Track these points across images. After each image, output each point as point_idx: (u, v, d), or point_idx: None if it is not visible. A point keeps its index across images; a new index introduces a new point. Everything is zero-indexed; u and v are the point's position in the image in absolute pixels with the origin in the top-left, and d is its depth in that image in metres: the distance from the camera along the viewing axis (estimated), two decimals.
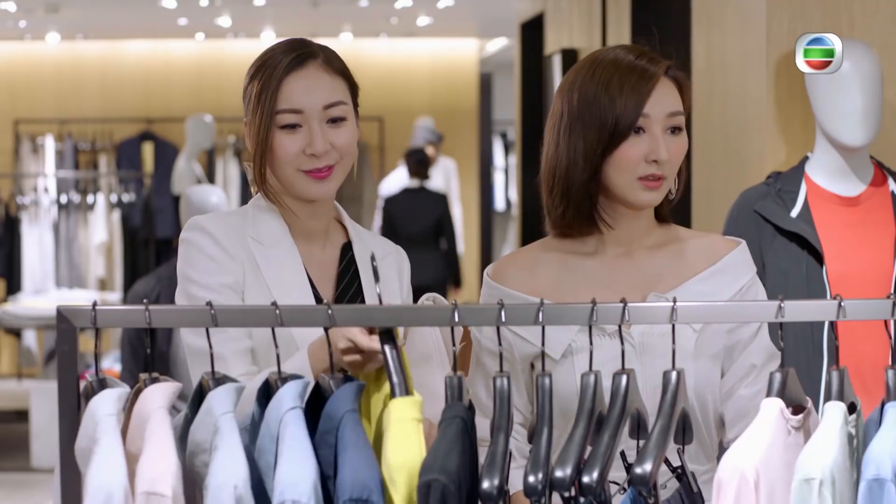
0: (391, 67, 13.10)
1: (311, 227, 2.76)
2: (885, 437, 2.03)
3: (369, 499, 2.00)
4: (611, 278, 2.67)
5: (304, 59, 2.68)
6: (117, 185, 11.44)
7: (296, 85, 2.67)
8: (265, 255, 2.69)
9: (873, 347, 3.62)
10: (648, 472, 2.03)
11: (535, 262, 2.72)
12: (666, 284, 2.66)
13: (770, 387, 2.17)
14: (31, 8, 10.48)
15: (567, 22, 7.68)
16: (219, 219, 2.73)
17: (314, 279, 2.73)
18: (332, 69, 2.71)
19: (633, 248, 2.70)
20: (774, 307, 2.19)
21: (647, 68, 2.63)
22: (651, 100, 2.61)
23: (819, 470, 1.99)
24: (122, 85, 13.02)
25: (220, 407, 2.11)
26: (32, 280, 11.13)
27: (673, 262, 2.69)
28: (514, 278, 2.70)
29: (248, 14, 11.23)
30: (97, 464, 2.04)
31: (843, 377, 2.17)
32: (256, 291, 2.65)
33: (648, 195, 2.63)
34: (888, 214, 3.88)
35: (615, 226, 2.68)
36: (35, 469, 9.07)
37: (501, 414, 2.12)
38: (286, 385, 2.12)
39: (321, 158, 2.66)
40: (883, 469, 1.98)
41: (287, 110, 2.66)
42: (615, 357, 2.35)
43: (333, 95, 2.69)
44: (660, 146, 2.61)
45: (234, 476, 2.01)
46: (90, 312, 2.16)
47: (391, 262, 2.81)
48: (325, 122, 2.68)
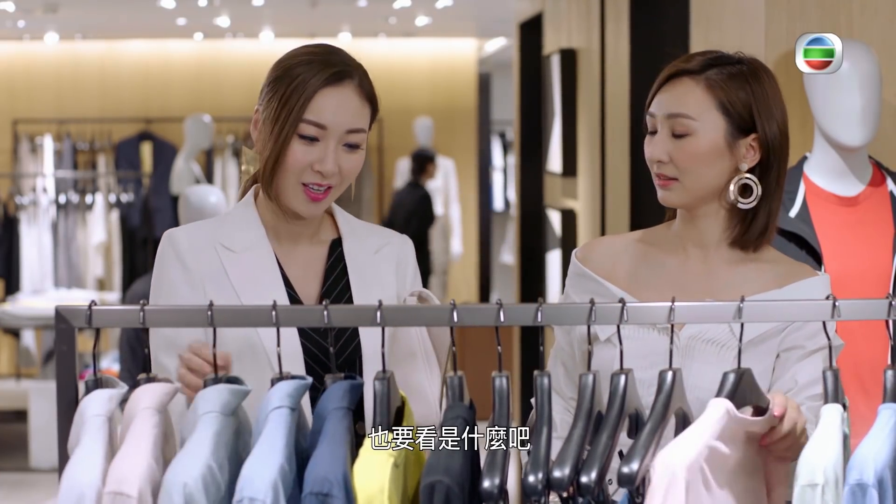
0: (390, 67, 13.10)
1: (298, 229, 2.76)
2: (872, 440, 2.02)
3: (330, 492, 1.99)
4: (681, 280, 2.69)
5: (343, 77, 2.69)
6: (116, 185, 11.44)
7: (328, 101, 2.67)
8: (235, 260, 2.70)
9: (872, 347, 3.62)
10: (635, 472, 2.03)
11: (621, 250, 2.76)
12: (728, 297, 2.62)
13: (721, 387, 2.17)
14: (29, 8, 10.47)
15: (566, 22, 7.68)
16: (188, 231, 2.76)
17: (295, 279, 2.73)
18: (364, 93, 2.72)
19: (711, 254, 2.70)
20: (773, 307, 2.19)
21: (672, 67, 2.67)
22: (657, 98, 2.67)
23: (821, 474, 1.98)
24: (121, 85, 13.02)
25: (204, 406, 2.10)
26: (31, 280, 11.14)
27: (747, 277, 2.68)
28: (596, 262, 2.74)
29: (246, 14, 11.22)
30: (72, 464, 2.04)
31: (837, 377, 2.17)
32: (220, 300, 2.64)
33: (659, 192, 2.68)
34: (887, 214, 3.88)
35: (681, 222, 2.72)
36: (34, 469, 9.06)
37: (501, 413, 2.12)
38: (276, 385, 2.11)
39: (327, 178, 2.67)
40: (866, 474, 1.97)
41: (313, 122, 2.66)
42: (653, 353, 2.37)
43: (358, 121, 2.70)
44: (657, 145, 2.66)
45: (186, 474, 1.99)
46: (88, 312, 2.16)
47: (388, 253, 2.81)
48: (342, 146, 2.68)
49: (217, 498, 2.01)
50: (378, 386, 2.13)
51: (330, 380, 2.15)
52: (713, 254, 2.70)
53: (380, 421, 2.11)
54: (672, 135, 2.64)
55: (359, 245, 2.79)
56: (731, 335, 2.59)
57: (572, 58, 7.32)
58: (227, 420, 2.10)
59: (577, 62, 7.29)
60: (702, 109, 2.65)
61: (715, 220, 2.70)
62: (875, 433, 2.03)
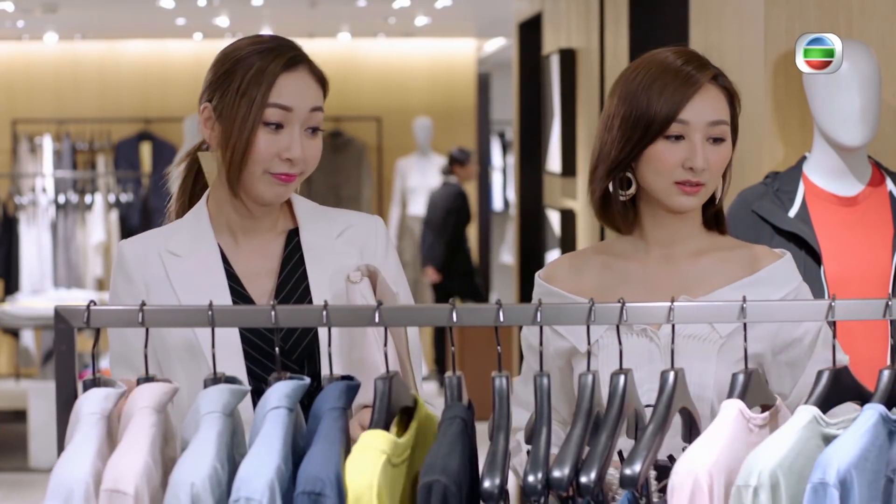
0: (389, 67, 13.10)
1: (253, 223, 2.74)
2: (844, 440, 2.02)
3: (322, 492, 1.98)
4: (650, 281, 2.69)
5: (297, 62, 2.69)
6: (115, 185, 11.45)
7: (289, 84, 2.66)
8: (178, 264, 2.70)
9: (871, 348, 3.62)
10: (637, 473, 2.03)
11: (583, 264, 2.76)
12: (701, 290, 2.66)
13: (732, 388, 2.17)
14: (28, 8, 10.47)
15: (565, 22, 7.68)
16: (138, 240, 2.78)
17: (247, 276, 2.72)
18: (316, 76, 2.72)
19: (676, 252, 2.71)
20: (772, 307, 2.19)
21: (691, 74, 2.64)
22: (690, 106, 2.63)
23: (755, 476, 1.98)
24: (120, 85, 13.02)
25: (207, 406, 2.10)
26: (30, 280, 11.14)
27: (713, 269, 2.70)
28: (561, 279, 2.75)
29: (245, 14, 11.22)
30: (63, 461, 2.04)
31: (838, 377, 2.17)
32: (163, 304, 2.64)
33: (685, 199, 2.65)
34: (886, 214, 3.88)
35: (657, 227, 2.71)
36: (33, 469, 9.06)
37: (501, 414, 2.12)
38: (274, 385, 2.11)
39: (294, 165, 2.66)
40: (828, 474, 1.97)
41: (279, 105, 2.65)
42: (638, 355, 2.37)
43: (318, 100, 2.70)
44: (697, 154, 2.62)
45: (194, 474, 1.99)
46: (86, 313, 2.16)
47: (351, 236, 2.77)
48: (305, 130, 2.67)
49: (223, 498, 2.01)
50: (379, 384, 2.13)
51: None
52: (676, 250, 2.71)
53: (377, 419, 2.11)
54: (708, 140, 2.64)
55: (318, 231, 2.76)
56: (710, 328, 2.60)
57: (571, 58, 7.32)
58: (228, 420, 2.11)
59: (577, 62, 7.29)
60: (728, 114, 2.68)
61: (697, 217, 2.72)
62: (850, 433, 2.03)
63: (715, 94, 2.66)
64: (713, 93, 2.66)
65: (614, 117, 2.67)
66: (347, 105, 12.74)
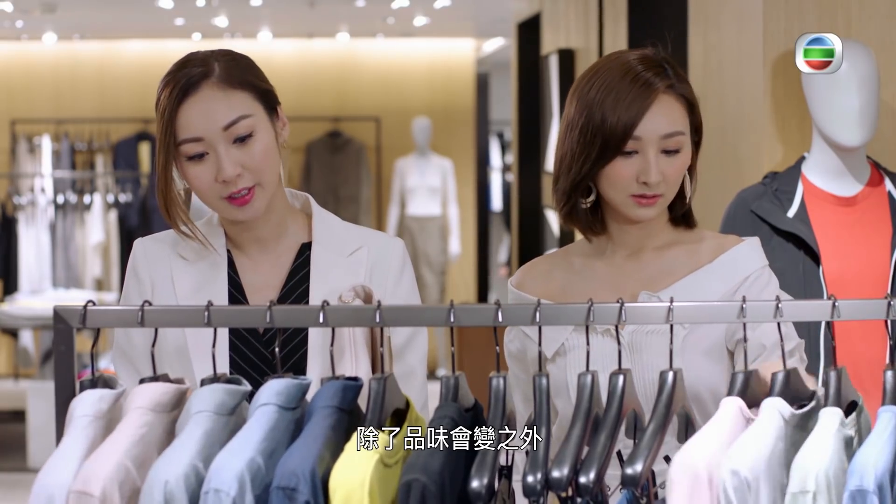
0: (388, 68, 13.10)
1: (258, 236, 2.71)
2: (872, 445, 2.01)
3: (296, 487, 1.97)
4: (615, 279, 2.69)
5: (197, 82, 2.59)
6: (114, 185, 11.44)
7: (191, 111, 2.57)
8: (185, 269, 2.69)
9: (870, 347, 3.62)
10: (639, 473, 2.03)
11: (551, 267, 2.76)
12: (664, 282, 2.66)
13: (731, 387, 2.17)
14: (27, 8, 10.47)
15: (564, 22, 7.68)
16: (152, 240, 2.74)
17: (251, 285, 2.69)
18: (231, 84, 2.59)
19: (642, 249, 2.71)
20: (771, 307, 2.19)
21: (648, 81, 2.58)
22: (644, 122, 2.57)
23: (812, 481, 1.97)
24: (119, 85, 13.02)
25: (197, 406, 2.09)
26: (29, 280, 11.14)
27: (679, 261, 2.69)
28: (531, 285, 2.74)
29: (244, 14, 11.22)
30: (48, 465, 2.03)
31: (841, 377, 2.16)
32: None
33: (643, 211, 2.63)
34: (885, 214, 3.88)
35: (622, 232, 2.70)
36: (32, 469, 9.06)
37: (496, 414, 2.12)
38: (268, 383, 2.11)
39: (235, 183, 2.57)
40: (866, 480, 1.96)
41: (188, 140, 2.57)
42: (604, 356, 2.36)
43: (232, 113, 2.58)
44: (651, 169, 2.58)
45: (168, 472, 1.98)
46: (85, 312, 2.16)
47: (362, 256, 2.71)
48: (231, 144, 2.58)
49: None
50: (373, 385, 2.12)
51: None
52: (643, 247, 2.70)
53: (370, 419, 2.10)
54: (662, 153, 2.62)
55: (330, 247, 2.70)
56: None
57: (570, 58, 7.32)
58: (222, 420, 2.09)
59: (576, 62, 7.29)
60: (684, 123, 2.62)
61: (663, 217, 2.70)
62: (875, 437, 2.02)
63: (669, 105, 2.60)
64: (668, 104, 2.60)
65: (573, 127, 2.62)
66: (346, 105, 12.75)
